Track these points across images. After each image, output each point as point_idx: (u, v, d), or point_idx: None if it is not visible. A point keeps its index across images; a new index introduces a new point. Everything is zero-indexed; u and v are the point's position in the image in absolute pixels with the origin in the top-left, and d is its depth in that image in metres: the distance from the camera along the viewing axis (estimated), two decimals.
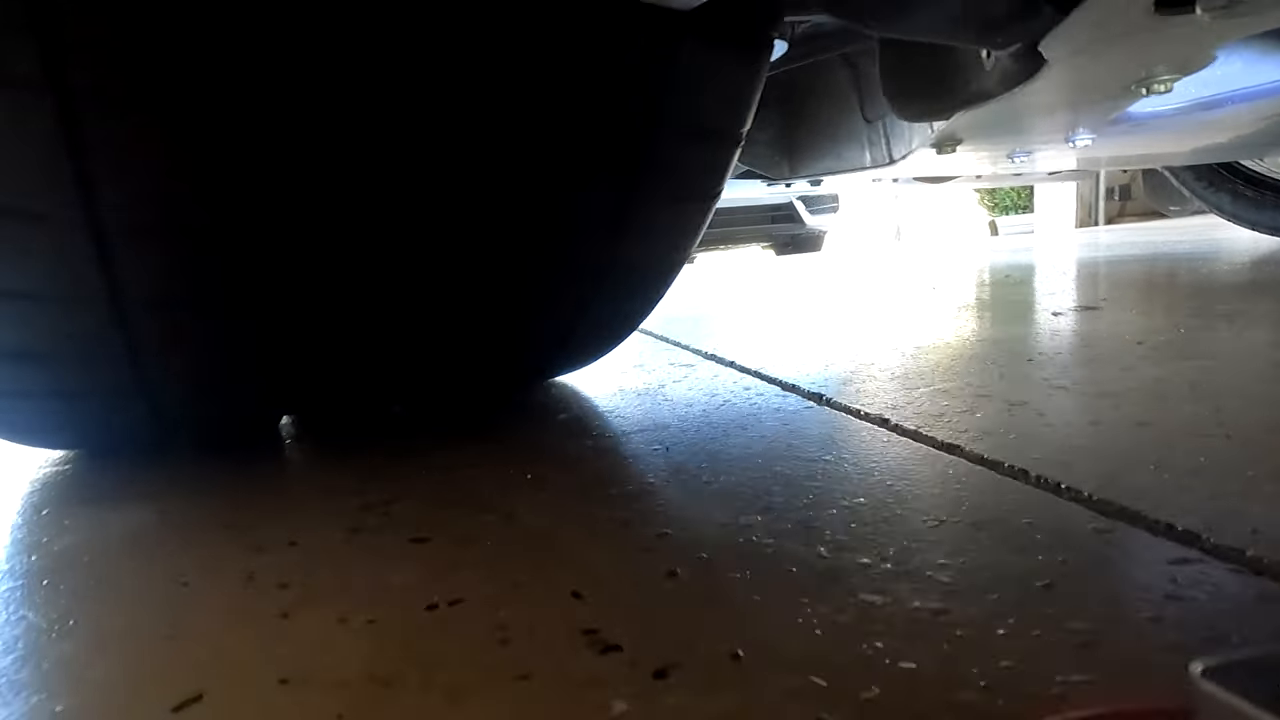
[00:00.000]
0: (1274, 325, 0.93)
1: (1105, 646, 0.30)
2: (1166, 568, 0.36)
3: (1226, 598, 0.33)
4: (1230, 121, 0.96)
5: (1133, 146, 1.14)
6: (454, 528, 0.48)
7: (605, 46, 0.53)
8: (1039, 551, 0.39)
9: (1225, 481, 0.45)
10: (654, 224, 0.67)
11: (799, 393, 0.80)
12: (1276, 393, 0.64)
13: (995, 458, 0.53)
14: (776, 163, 1.48)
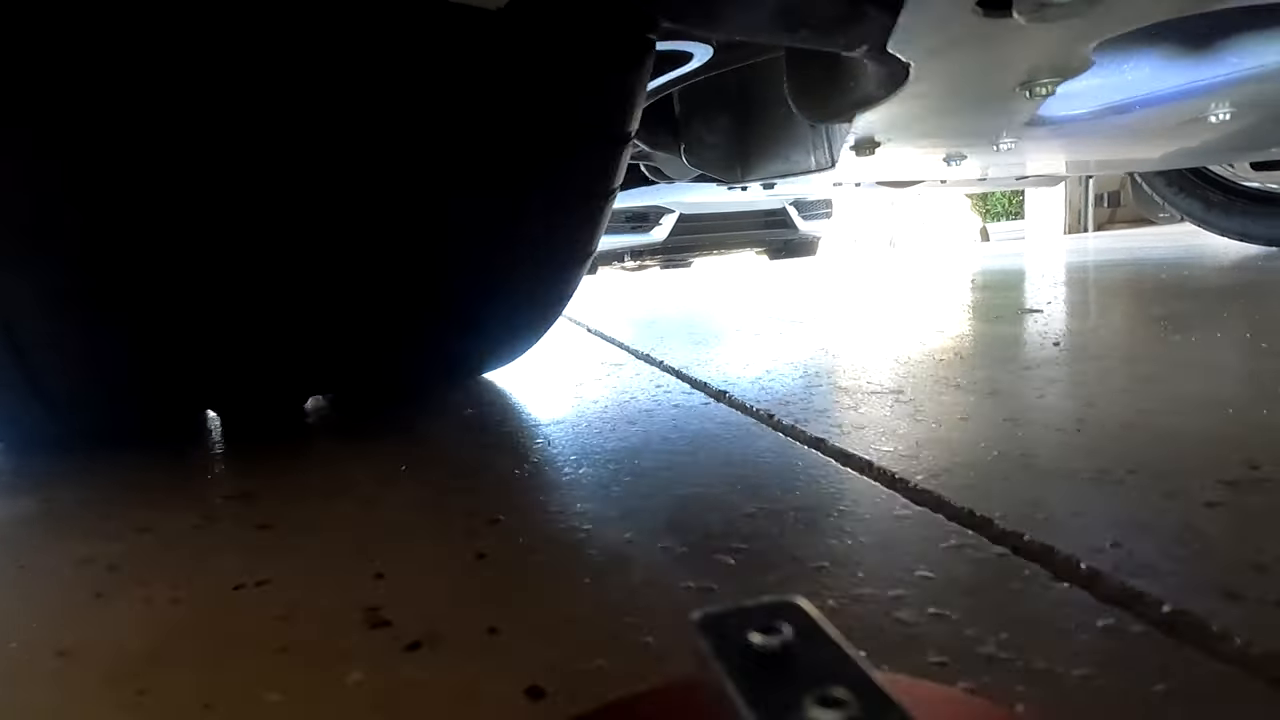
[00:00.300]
0: (1200, 327, 0.94)
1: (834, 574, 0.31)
2: (925, 534, 0.37)
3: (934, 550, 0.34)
4: (1141, 125, 0.97)
5: (1057, 151, 1.14)
6: (302, 516, 0.50)
7: (462, 55, 0.54)
8: (835, 532, 0.40)
9: (1042, 472, 0.47)
10: (545, 222, 0.69)
11: (705, 390, 0.81)
12: (1158, 391, 0.65)
13: (852, 451, 0.54)
14: (728, 166, 1.49)
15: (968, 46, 0.56)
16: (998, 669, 0.27)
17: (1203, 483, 0.42)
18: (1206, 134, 1.16)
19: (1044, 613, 0.31)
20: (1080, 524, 0.38)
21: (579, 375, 0.94)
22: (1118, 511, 0.40)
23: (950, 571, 0.35)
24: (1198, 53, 0.81)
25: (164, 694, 0.30)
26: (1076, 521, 0.39)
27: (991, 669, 0.27)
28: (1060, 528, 0.38)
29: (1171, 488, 0.42)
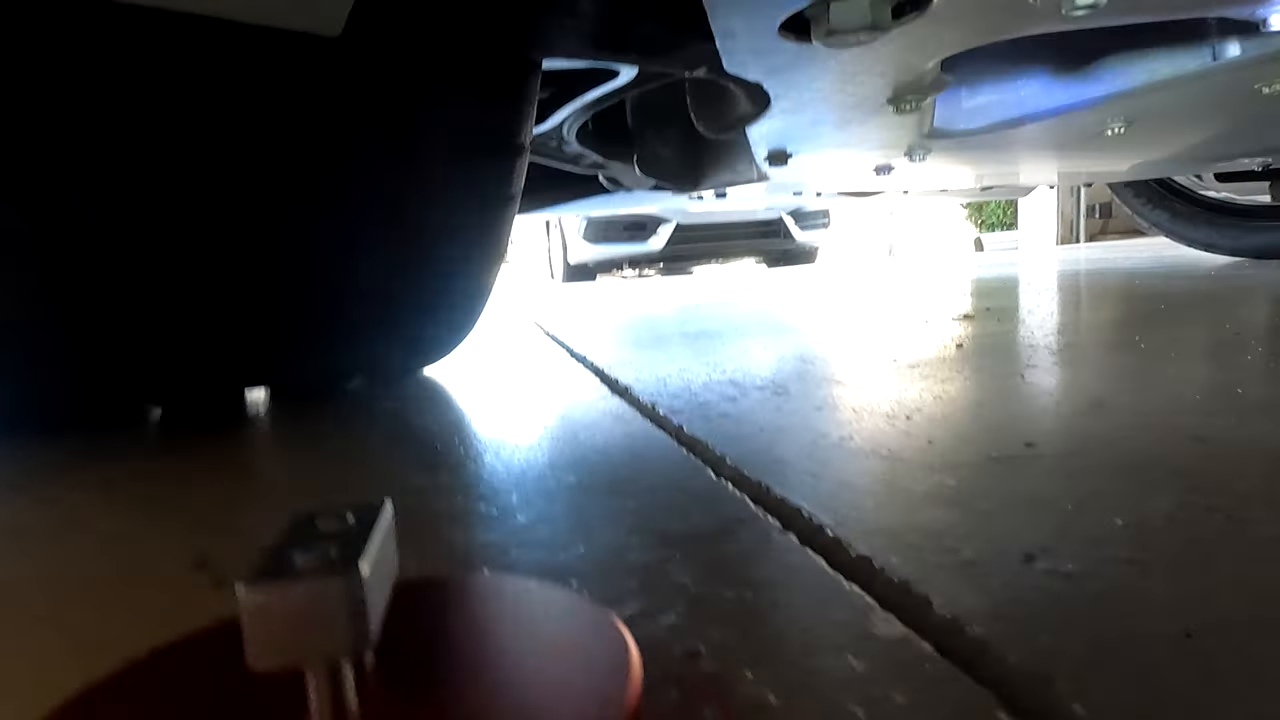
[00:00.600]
0: (1114, 331, 0.98)
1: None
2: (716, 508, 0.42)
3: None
4: (1037, 138, 1.02)
5: (971, 162, 1.19)
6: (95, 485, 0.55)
7: (328, 76, 0.60)
8: (681, 511, 0.45)
9: (854, 460, 0.51)
10: (439, 228, 0.74)
11: (613, 387, 0.86)
12: (1016, 388, 0.69)
13: (698, 436, 0.58)
14: (682, 176, 1.54)
15: (806, 68, 0.61)
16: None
17: (982, 451, 0.47)
18: (1116, 147, 1.20)
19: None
20: (812, 483, 0.43)
21: (499, 372, 0.99)
22: (841, 472, 0.44)
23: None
24: (1078, 73, 0.86)
25: None
26: (811, 481, 0.43)
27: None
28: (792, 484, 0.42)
29: (956, 459, 0.47)
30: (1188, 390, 0.62)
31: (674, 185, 1.57)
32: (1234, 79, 0.80)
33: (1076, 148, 1.15)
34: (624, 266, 5.45)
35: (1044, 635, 0.26)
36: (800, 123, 0.81)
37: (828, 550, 0.35)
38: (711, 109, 0.85)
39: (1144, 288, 1.54)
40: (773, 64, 0.59)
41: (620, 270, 5.46)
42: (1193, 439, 0.48)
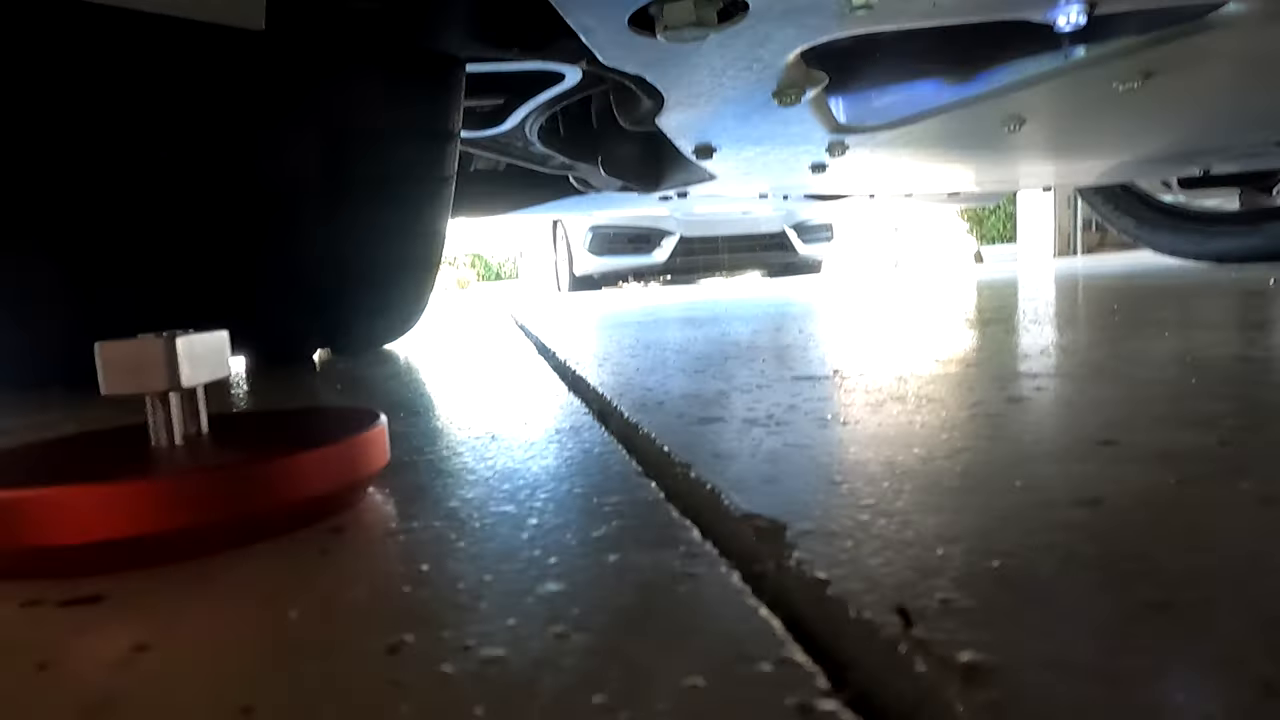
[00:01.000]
0: (1054, 329, 1.06)
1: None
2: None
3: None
4: (940, 133, 1.11)
5: (893, 158, 1.28)
6: None
7: (288, 69, 0.71)
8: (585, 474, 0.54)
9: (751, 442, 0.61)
10: (388, 204, 0.85)
11: (560, 371, 0.96)
12: (937, 372, 0.78)
13: (637, 422, 0.68)
14: (643, 176, 1.65)
15: (676, 62, 0.71)
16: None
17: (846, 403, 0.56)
18: (1037, 148, 1.29)
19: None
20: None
21: (449, 356, 1.10)
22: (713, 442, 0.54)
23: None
24: (961, 75, 0.96)
25: None
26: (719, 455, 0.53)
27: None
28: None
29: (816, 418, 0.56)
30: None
31: (637, 185, 1.68)
32: (1091, 78, 0.89)
33: (996, 148, 1.24)
34: (629, 278, 5.56)
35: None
36: (701, 115, 0.91)
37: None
38: (626, 104, 0.96)
39: (1101, 289, 1.62)
40: (642, 58, 0.70)
41: (625, 282, 5.57)
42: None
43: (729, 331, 1.06)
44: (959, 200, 2.31)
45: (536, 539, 0.26)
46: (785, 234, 5.47)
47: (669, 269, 5.38)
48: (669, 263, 5.33)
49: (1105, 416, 0.39)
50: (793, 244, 5.49)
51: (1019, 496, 0.27)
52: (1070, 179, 1.85)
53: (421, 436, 0.46)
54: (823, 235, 5.63)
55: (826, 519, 0.26)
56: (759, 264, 5.63)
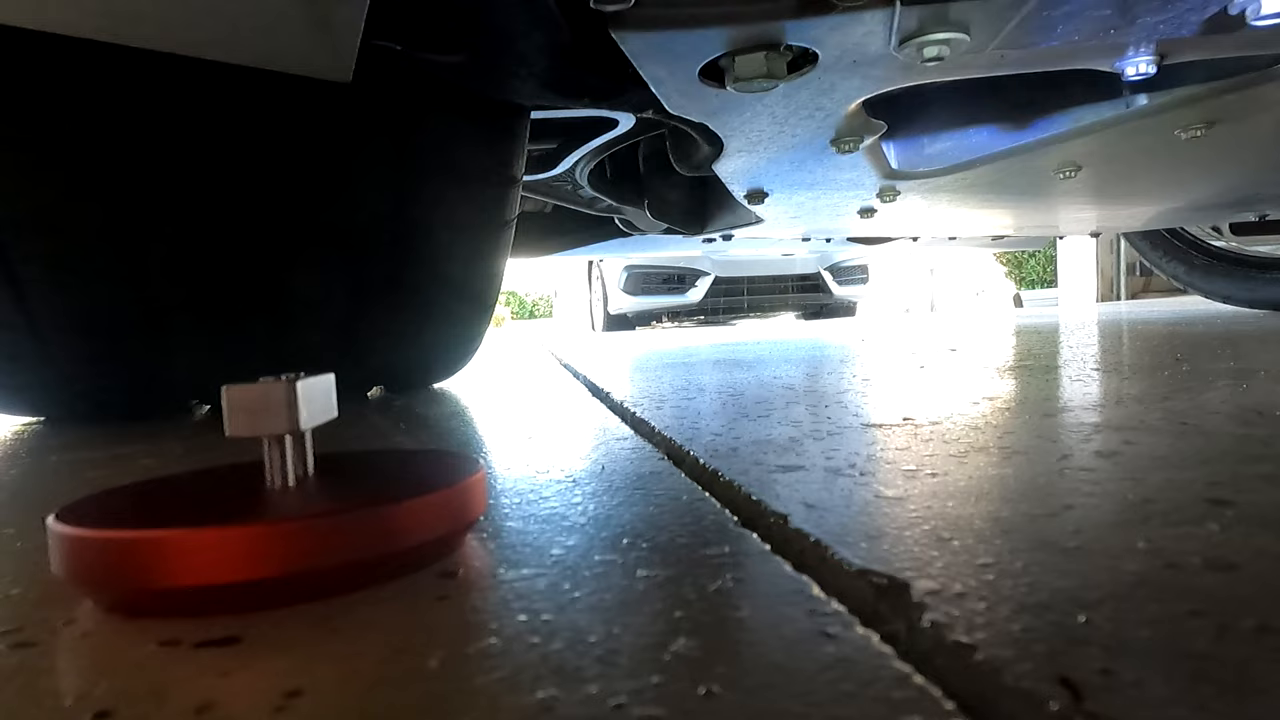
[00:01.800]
0: (1058, 373, 1.05)
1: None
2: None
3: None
4: (991, 181, 1.11)
5: (941, 204, 1.28)
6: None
7: (365, 121, 0.74)
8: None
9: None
10: (450, 246, 0.87)
11: (620, 413, 0.96)
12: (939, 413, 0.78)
13: (716, 469, 0.68)
14: (689, 220, 1.67)
15: (739, 111, 0.73)
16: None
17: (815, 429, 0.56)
18: (1092, 194, 1.29)
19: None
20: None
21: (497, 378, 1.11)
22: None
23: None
24: (1017, 122, 0.96)
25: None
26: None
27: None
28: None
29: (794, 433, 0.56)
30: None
31: (682, 228, 1.70)
32: (1153, 125, 0.89)
33: (1049, 194, 1.23)
34: (663, 318, 5.59)
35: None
36: (758, 161, 0.92)
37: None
38: (684, 149, 0.97)
39: (1157, 336, 1.59)
40: (707, 107, 0.71)
41: (659, 322, 5.60)
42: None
43: (779, 374, 1.06)
44: (1003, 245, 2.29)
45: (654, 591, 0.26)
46: (820, 275, 5.47)
47: (703, 309, 5.40)
48: (703, 303, 5.35)
49: (1208, 474, 0.38)
50: (828, 286, 5.49)
51: (1146, 559, 0.27)
52: (1120, 224, 1.83)
53: (500, 479, 0.47)
54: (858, 277, 5.63)
55: (948, 578, 0.26)
56: (793, 306, 5.62)
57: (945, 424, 0.57)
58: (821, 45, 0.59)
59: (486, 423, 0.75)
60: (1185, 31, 0.57)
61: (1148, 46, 0.62)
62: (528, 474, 0.48)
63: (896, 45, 0.57)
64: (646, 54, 0.59)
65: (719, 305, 5.46)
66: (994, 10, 0.52)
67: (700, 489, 0.42)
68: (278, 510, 0.28)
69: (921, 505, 0.35)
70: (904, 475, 0.41)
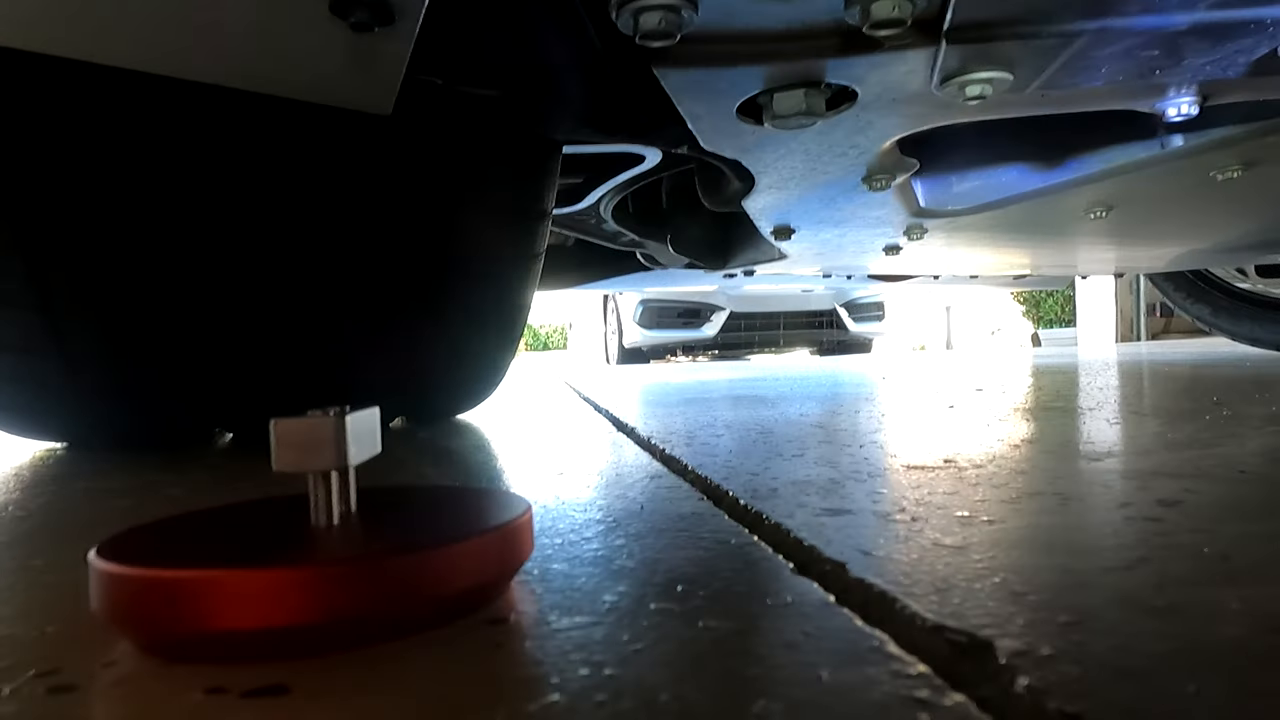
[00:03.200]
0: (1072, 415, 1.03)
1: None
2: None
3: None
4: (1020, 220, 1.10)
5: (968, 244, 1.27)
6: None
7: (402, 151, 0.74)
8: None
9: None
10: (480, 279, 0.87)
11: (649, 449, 0.95)
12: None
13: (760, 510, 0.67)
14: (711, 255, 1.67)
15: (773, 147, 0.72)
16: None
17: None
18: (1121, 235, 1.28)
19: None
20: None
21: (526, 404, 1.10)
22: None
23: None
24: (1048, 161, 0.95)
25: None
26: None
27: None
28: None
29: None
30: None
31: (704, 263, 1.70)
32: (1188, 166, 0.88)
33: (1077, 234, 1.22)
34: (677, 352, 5.59)
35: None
36: (788, 198, 0.92)
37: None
38: (713, 185, 0.97)
39: (1186, 378, 1.56)
40: (742, 144, 0.71)
41: (673, 356, 5.60)
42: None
43: (804, 412, 1.05)
44: (1024, 284, 2.28)
45: (720, 644, 0.25)
46: (836, 312, 5.46)
47: (718, 344, 5.40)
48: (718, 338, 5.34)
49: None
50: (844, 322, 5.47)
51: (1245, 622, 0.25)
52: (1145, 265, 1.82)
53: (539, 518, 0.46)
54: (874, 314, 5.61)
55: (1032, 637, 0.24)
56: (809, 342, 5.61)
57: (989, 467, 0.56)
58: (862, 83, 0.59)
59: (513, 457, 0.73)
60: (1232, 73, 0.56)
61: (1191, 88, 0.62)
62: (566, 512, 0.46)
63: (939, 84, 0.56)
64: (686, 91, 0.59)
65: (733, 340, 5.46)
66: (1040, 50, 0.52)
67: (747, 531, 0.40)
68: (330, 551, 0.27)
69: (985, 554, 0.34)
70: (959, 521, 0.40)
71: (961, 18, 0.49)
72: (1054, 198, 1.03)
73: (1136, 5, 0.48)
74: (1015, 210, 1.07)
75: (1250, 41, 0.52)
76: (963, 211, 1.06)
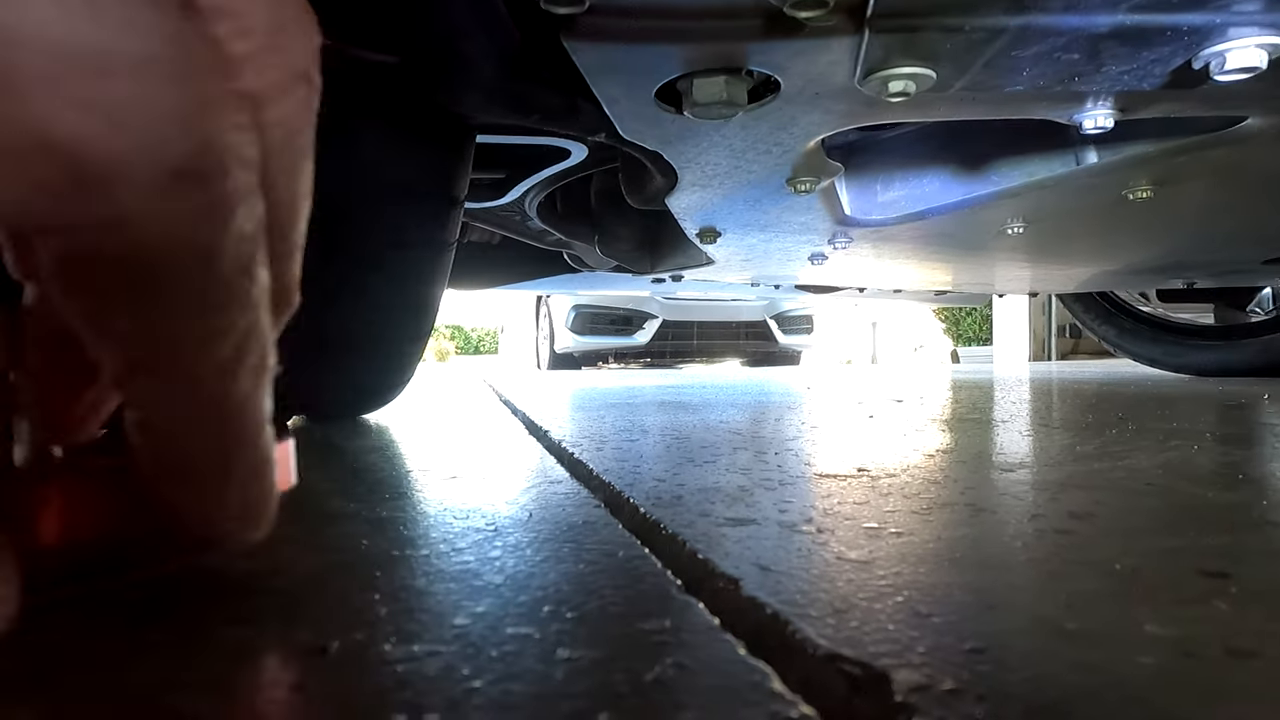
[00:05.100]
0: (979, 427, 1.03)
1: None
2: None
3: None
4: (941, 231, 1.11)
5: (890, 254, 1.28)
6: None
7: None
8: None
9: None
10: (382, 269, 0.81)
11: (557, 454, 0.90)
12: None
13: (658, 519, 0.63)
14: (639, 258, 1.64)
15: (695, 140, 0.70)
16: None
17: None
18: (1037, 251, 1.30)
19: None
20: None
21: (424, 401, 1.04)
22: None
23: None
24: (971, 173, 0.96)
25: None
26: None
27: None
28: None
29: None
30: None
31: (632, 266, 1.67)
32: (1103, 184, 0.89)
33: (996, 251, 1.24)
34: (609, 359, 5.55)
35: None
36: (713, 198, 0.89)
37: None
38: (636, 181, 0.94)
39: (1094, 395, 1.61)
40: (662, 134, 0.68)
41: (605, 363, 5.56)
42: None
43: (725, 418, 1.02)
44: (945, 300, 2.33)
45: (575, 680, 0.21)
46: (766, 324, 5.52)
47: (650, 352, 5.38)
48: (650, 346, 5.33)
49: (1194, 542, 0.35)
50: (774, 334, 5.54)
51: (1163, 649, 0.23)
52: (1057, 285, 1.87)
53: (411, 525, 0.41)
54: (803, 327, 5.70)
55: (935, 668, 0.21)
56: (739, 352, 5.65)
57: (902, 476, 0.53)
58: (784, 73, 0.56)
59: (410, 459, 0.68)
60: (1148, 84, 0.56)
61: (1108, 99, 0.62)
62: (443, 520, 0.42)
63: (862, 78, 0.54)
64: (600, 69, 0.55)
65: (665, 349, 5.46)
66: (963, 45, 0.50)
67: (639, 543, 0.37)
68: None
69: (890, 570, 0.31)
70: (866, 534, 0.37)
71: (885, 4, 0.46)
72: (975, 212, 1.03)
73: (1059, 2, 0.46)
74: (938, 223, 1.08)
75: (1167, 50, 0.51)
76: (887, 222, 1.06)
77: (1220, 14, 0.47)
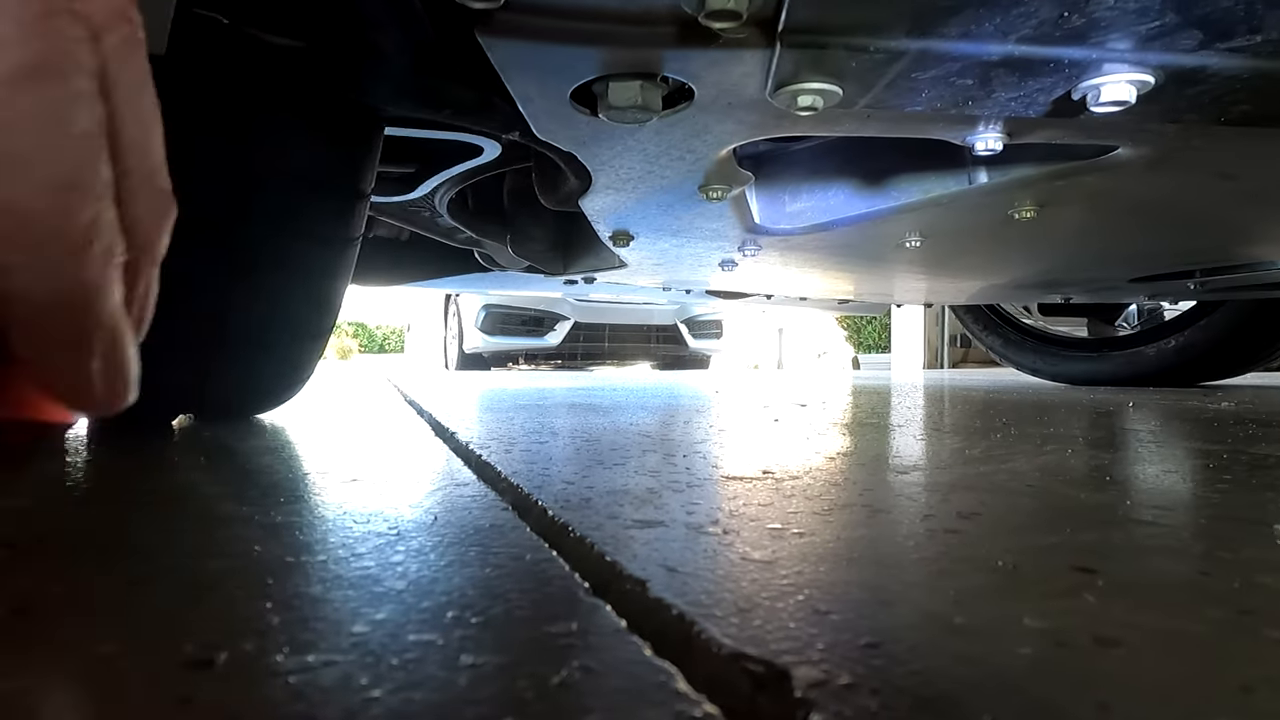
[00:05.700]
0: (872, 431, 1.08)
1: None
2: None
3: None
4: (845, 243, 1.16)
5: (796, 263, 1.33)
6: None
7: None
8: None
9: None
10: (282, 260, 0.77)
11: (464, 456, 0.88)
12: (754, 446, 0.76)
13: (566, 522, 0.61)
14: (552, 259, 1.62)
15: (610, 143, 0.70)
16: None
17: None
18: (933, 264, 1.37)
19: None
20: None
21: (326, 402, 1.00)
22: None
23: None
24: (874, 187, 1.00)
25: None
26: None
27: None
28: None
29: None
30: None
31: (545, 267, 1.65)
32: (992, 203, 0.95)
33: (894, 263, 1.30)
34: (520, 360, 5.49)
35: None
36: (627, 201, 0.90)
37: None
38: (550, 181, 0.94)
39: (981, 402, 1.70)
40: (577, 135, 0.68)
41: (515, 364, 5.49)
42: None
43: (636, 421, 1.03)
44: (847, 309, 2.42)
45: (481, 686, 0.20)
46: (677, 328, 5.60)
47: (561, 354, 5.36)
48: (561, 347, 5.31)
49: (1068, 540, 0.38)
50: (684, 338, 5.62)
51: (1038, 641, 0.24)
52: (949, 297, 1.98)
53: (308, 529, 0.39)
54: (713, 332, 5.80)
55: (833, 664, 0.22)
56: (650, 355, 5.70)
57: (805, 479, 0.55)
58: (699, 81, 0.57)
59: (307, 461, 0.65)
60: (1034, 111, 0.60)
61: (998, 124, 0.66)
62: (343, 524, 0.40)
63: (773, 90, 0.56)
64: (515, 67, 0.55)
65: (577, 351, 5.44)
66: (867, 64, 0.53)
67: (547, 546, 0.36)
68: None
69: (792, 570, 0.32)
70: (770, 535, 0.38)
71: (795, 20, 0.48)
72: (876, 225, 1.08)
73: (955, 30, 0.49)
74: (841, 234, 1.12)
75: (1050, 81, 0.55)
76: (794, 231, 1.09)
77: (1096, 50, 0.51)
